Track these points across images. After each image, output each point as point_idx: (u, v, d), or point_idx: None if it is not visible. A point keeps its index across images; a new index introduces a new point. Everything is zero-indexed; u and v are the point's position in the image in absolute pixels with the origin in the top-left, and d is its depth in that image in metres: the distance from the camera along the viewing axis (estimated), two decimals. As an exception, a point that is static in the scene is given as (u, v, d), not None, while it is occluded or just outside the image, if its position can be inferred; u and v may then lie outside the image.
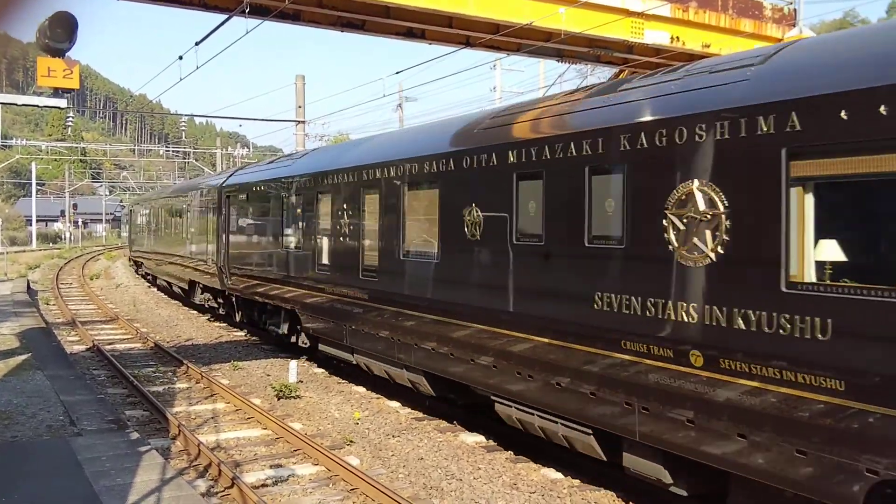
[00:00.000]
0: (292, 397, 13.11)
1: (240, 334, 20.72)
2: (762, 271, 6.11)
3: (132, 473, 8.08)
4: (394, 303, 11.52)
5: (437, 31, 16.56)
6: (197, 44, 16.56)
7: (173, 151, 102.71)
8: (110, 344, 18.72)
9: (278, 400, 13.08)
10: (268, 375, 15.21)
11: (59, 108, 12.26)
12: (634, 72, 16.92)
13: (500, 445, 10.47)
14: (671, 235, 6.86)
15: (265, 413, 11.69)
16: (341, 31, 16.36)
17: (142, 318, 24.15)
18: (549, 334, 8.33)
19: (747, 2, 18.45)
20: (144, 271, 37.13)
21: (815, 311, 5.70)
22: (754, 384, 6.11)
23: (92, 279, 39.38)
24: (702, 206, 6.58)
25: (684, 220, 6.73)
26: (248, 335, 20.34)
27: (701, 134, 6.60)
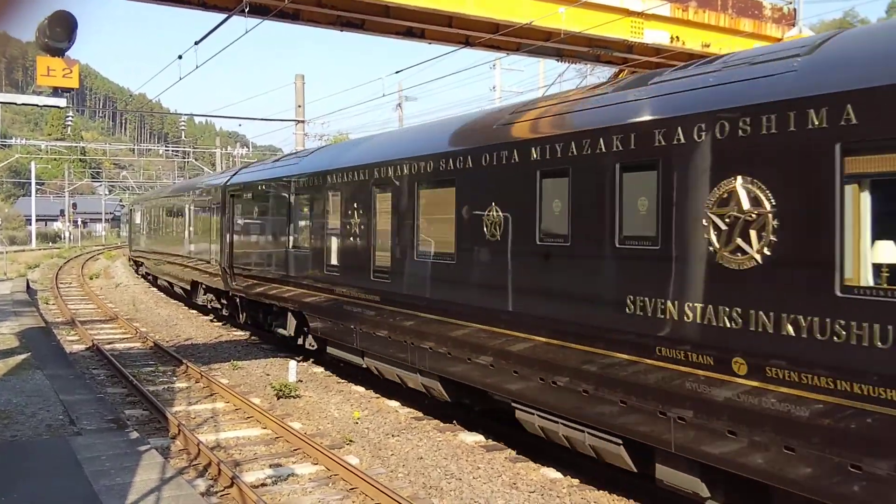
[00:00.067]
0: (292, 397, 13.12)
1: (239, 334, 20.72)
2: (814, 274, 5.76)
3: (132, 473, 8.08)
4: (407, 305, 11.14)
5: (436, 30, 16.58)
6: (196, 43, 16.59)
7: (173, 151, 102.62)
8: (110, 343, 18.72)
9: (278, 399, 13.08)
10: (267, 375, 15.22)
11: (58, 107, 12.24)
12: (634, 71, 16.93)
13: (499, 445, 10.48)
14: (711, 236, 6.49)
15: (265, 412, 11.69)
16: (341, 31, 16.38)
17: (141, 318, 24.15)
18: (576, 339, 7.94)
19: (747, 1, 18.46)
20: (145, 271, 36.63)
21: (874, 317, 5.36)
22: (804, 394, 5.77)
23: (91, 279, 39.38)
24: (746, 205, 6.20)
25: (726, 220, 6.36)
26: (247, 335, 20.34)
27: (744, 128, 6.23)
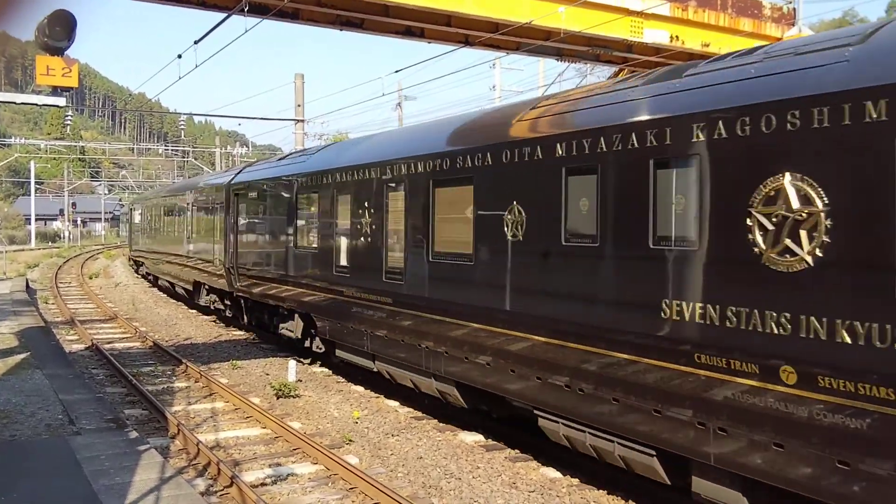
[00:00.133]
0: (291, 396, 13.12)
1: (239, 334, 20.71)
2: (872, 277, 5.41)
3: (131, 472, 8.07)
4: (422, 307, 10.76)
5: (436, 29, 16.58)
6: (196, 42, 16.60)
7: (172, 150, 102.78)
8: (109, 343, 18.71)
9: (277, 399, 13.08)
10: (267, 374, 15.21)
11: (57, 106, 12.24)
12: (633, 71, 16.92)
13: (499, 444, 10.47)
14: (756, 236, 6.10)
15: (264, 412, 11.69)
16: (340, 30, 16.39)
17: (141, 317, 24.14)
18: (605, 345, 7.54)
19: (746, 1, 18.47)
20: (145, 271, 36.33)
21: None
22: (860, 405, 5.40)
23: (91, 278, 39.37)
24: (795, 204, 5.84)
25: (773, 220, 5.99)
26: (247, 334, 20.34)
27: (793, 122, 5.88)
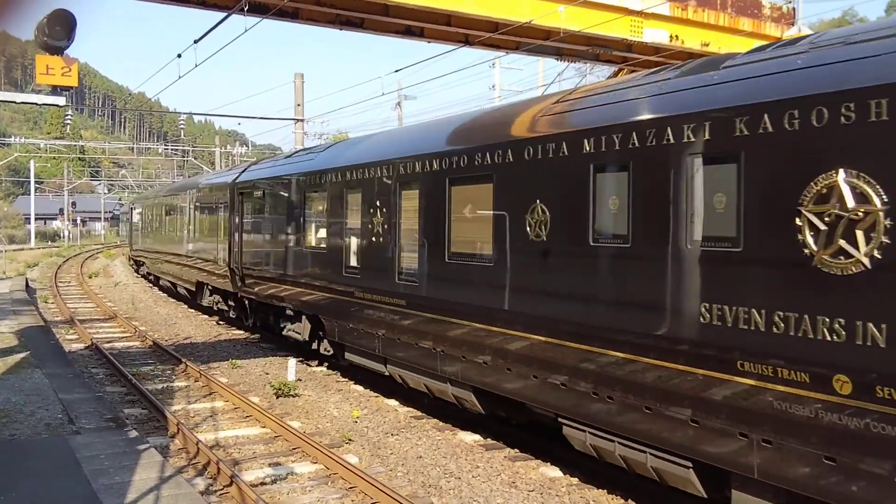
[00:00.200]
0: (291, 396, 13.12)
1: (238, 333, 20.71)
2: None
3: (131, 472, 8.07)
4: (437, 310, 10.40)
5: (435, 29, 16.60)
6: (196, 42, 16.60)
7: (172, 150, 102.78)
8: (109, 342, 18.71)
9: (277, 398, 13.08)
10: (266, 374, 15.22)
11: (57, 105, 12.22)
12: (633, 70, 16.93)
13: (498, 444, 10.48)
14: (807, 237, 5.79)
15: (264, 411, 11.69)
16: (340, 30, 16.40)
17: (140, 317, 24.15)
18: (636, 351, 7.22)
19: (746, 1, 18.48)
20: (146, 271, 36.05)
21: None
22: None
23: (91, 277, 39.37)
24: (850, 202, 5.52)
25: (825, 219, 5.68)
26: (246, 334, 20.33)
27: (848, 115, 5.57)
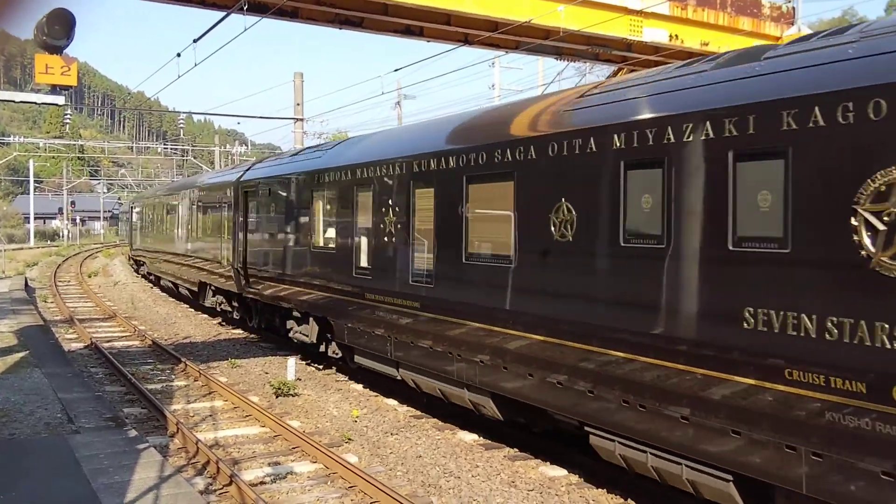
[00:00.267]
0: (290, 395, 13.12)
1: (238, 332, 20.71)
2: None
3: (130, 471, 8.07)
4: (454, 312, 10.07)
5: (435, 28, 16.59)
6: (195, 41, 16.59)
7: (171, 149, 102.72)
8: (108, 342, 18.71)
9: (276, 398, 13.08)
10: (266, 373, 15.21)
11: (56, 105, 12.21)
12: (633, 70, 16.92)
13: (497, 443, 10.48)
14: (864, 237, 5.48)
15: (263, 411, 11.69)
16: (339, 29, 16.39)
17: (140, 316, 24.14)
18: (672, 357, 6.88)
19: (746, 0, 18.47)
20: (146, 271, 35.73)
21: None
22: None
23: (90, 277, 39.37)
24: None
25: (884, 218, 5.38)
26: (246, 333, 20.33)
27: None
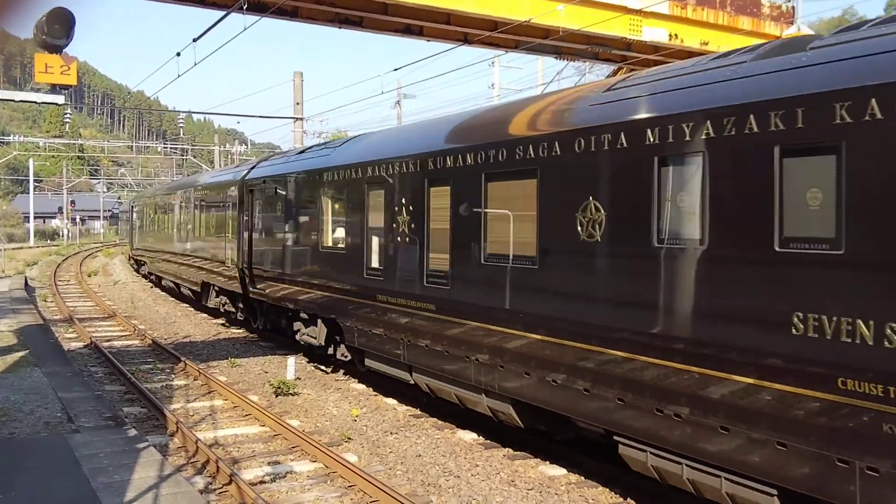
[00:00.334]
0: (290, 394, 13.12)
1: (238, 332, 20.71)
2: None
3: (130, 470, 8.07)
4: (472, 315, 9.76)
5: (435, 27, 16.61)
6: (195, 40, 16.58)
7: (171, 148, 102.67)
8: (108, 341, 18.71)
9: (276, 397, 13.08)
10: (266, 372, 15.22)
11: (56, 104, 12.21)
12: (633, 69, 16.93)
13: (497, 442, 10.48)
14: None
15: (263, 410, 11.69)
16: (339, 28, 16.40)
17: (139, 315, 24.14)
18: (713, 364, 6.57)
19: (745, -1, 18.50)
20: (147, 271, 35.50)
21: None
22: None
23: (90, 276, 39.36)
24: None
25: None
26: (245, 332, 20.33)
27: None
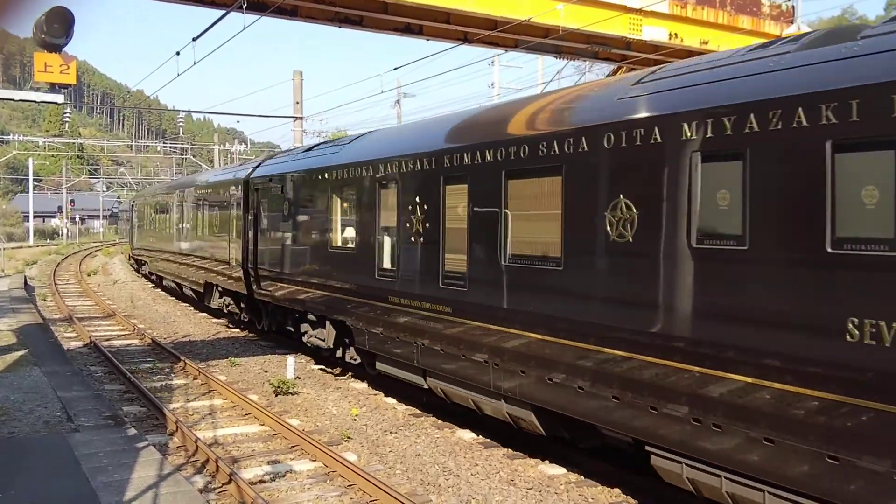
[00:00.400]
0: (290, 393, 13.12)
1: (237, 331, 20.71)
2: None
3: (129, 469, 8.07)
4: (491, 318, 9.37)
5: (434, 26, 16.61)
6: (194, 39, 16.57)
7: (171, 147, 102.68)
8: (107, 340, 18.71)
9: (276, 396, 13.08)
10: (265, 372, 15.22)
11: (55, 103, 12.21)
12: (633, 68, 16.92)
13: (496, 442, 10.48)
14: None
15: (263, 409, 11.69)
16: (339, 27, 16.40)
17: (139, 315, 24.14)
18: (752, 372, 6.20)
19: (745, -2, 18.50)
20: (147, 271, 35.27)
21: None
22: None
23: (89, 275, 39.35)
24: None
25: None
26: (245, 332, 20.34)
27: None
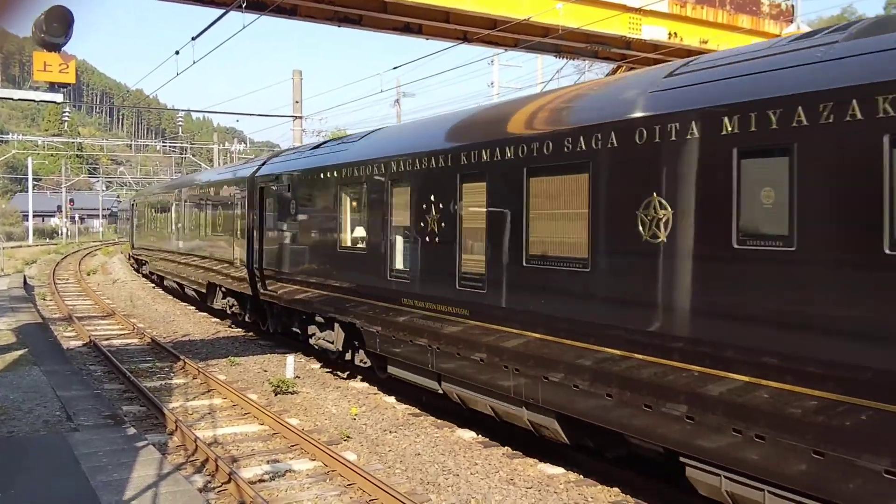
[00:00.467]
0: (289, 393, 13.12)
1: (237, 330, 20.72)
2: None
3: (129, 468, 8.07)
4: (512, 321, 9.02)
5: (434, 26, 16.61)
6: (194, 38, 16.56)
7: (170, 147, 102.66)
8: (107, 339, 18.71)
9: (275, 395, 13.08)
10: (265, 371, 15.22)
11: (55, 102, 12.21)
12: (632, 68, 16.93)
13: (496, 441, 10.48)
14: None
15: (262, 408, 11.69)
16: (338, 26, 16.40)
17: (139, 314, 24.14)
18: (801, 381, 5.91)
19: (745, -2, 18.50)
20: (148, 270, 35.02)
21: None
22: None
23: (89, 275, 39.35)
24: None
25: None
26: (244, 331, 20.34)
27: None
